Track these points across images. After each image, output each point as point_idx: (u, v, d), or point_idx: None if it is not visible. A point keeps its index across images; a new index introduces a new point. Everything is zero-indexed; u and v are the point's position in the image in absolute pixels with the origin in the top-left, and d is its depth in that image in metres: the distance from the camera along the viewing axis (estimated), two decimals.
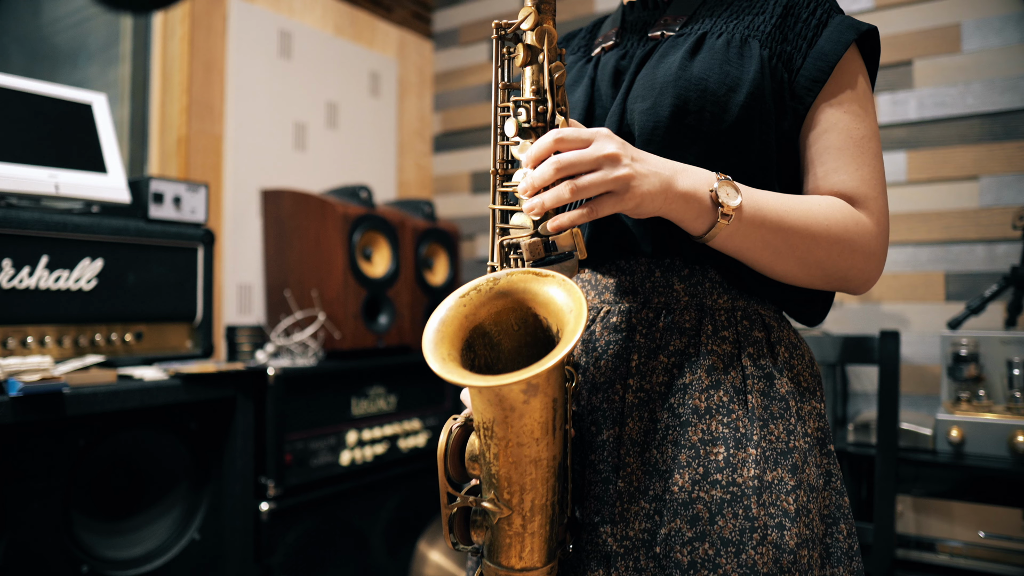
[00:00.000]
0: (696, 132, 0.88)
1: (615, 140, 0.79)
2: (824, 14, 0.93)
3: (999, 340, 1.84)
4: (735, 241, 0.84)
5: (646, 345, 0.90)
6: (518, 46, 0.83)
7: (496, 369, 0.80)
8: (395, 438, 2.30)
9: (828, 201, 0.88)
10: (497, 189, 0.86)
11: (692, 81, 0.88)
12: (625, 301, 0.93)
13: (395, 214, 2.41)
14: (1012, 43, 2.18)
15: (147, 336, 1.80)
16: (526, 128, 0.82)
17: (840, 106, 0.91)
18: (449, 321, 0.76)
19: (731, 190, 0.82)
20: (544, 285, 0.76)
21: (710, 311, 0.90)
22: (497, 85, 0.87)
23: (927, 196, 2.28)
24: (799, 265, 0.87)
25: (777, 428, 0.85)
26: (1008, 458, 1.70)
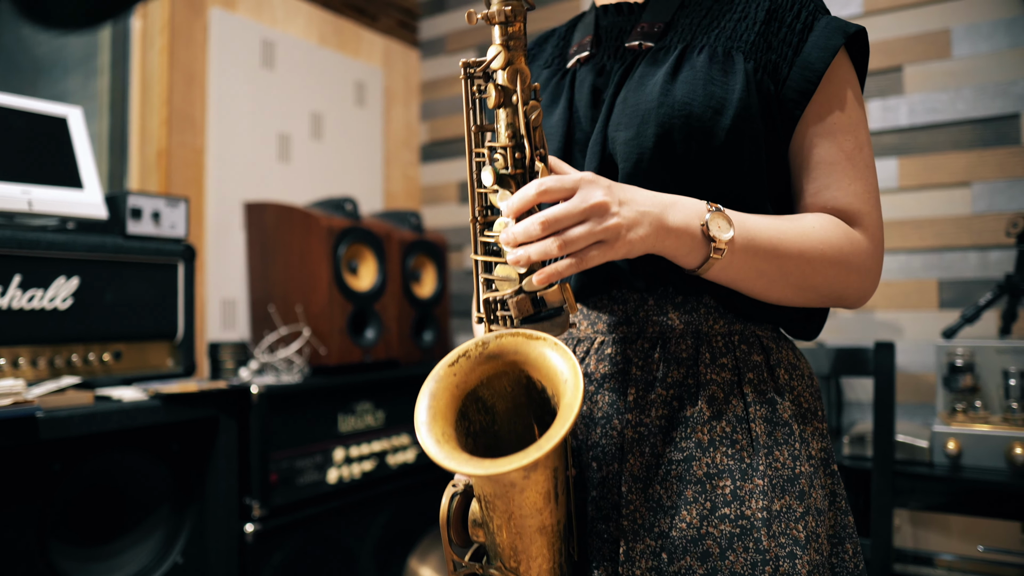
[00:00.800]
0: (683, 160, 0.84)
1: (600, 185, 0.75)
2: (809, 16, 0.88)
3: (994, 349, 1.81)
4: (729, 273, 0.81)
5: (643, 378, 0.86)
6: (489, 86, 0.78)
7: (493, 432, 0.77)
8: (383, 454, 2.26)
9: (822, 222, 0.85)
10: (478, 239, 0.82)
11: (675, 107, 0.84)
12: (619, 331, 0.89)
13: (381, 226, 2.37)
14: (1002, 48, 2.16)
15: (126, 355, 1.76)
16: (504, 176, 0.78)
17: (829, 119, 0.87)
18: (440, 394, 0.72)
19: (723, 222, 0.78)
20: (536, 348, 0.73)
21: (707, 338, 0.87)
22: (469, 127, 0.82)
23: (919, 203, 2.26)
24: (795, 290, 0.85)
25: (782, 454, 0.83)
26: (1006, 470, 1.67)
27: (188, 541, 1.72)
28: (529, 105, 0.78)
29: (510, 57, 0.77)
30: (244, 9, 2.55)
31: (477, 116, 0.83)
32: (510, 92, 0.78)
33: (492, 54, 0.78)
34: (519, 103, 0.77)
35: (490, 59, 0.78)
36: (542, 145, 0.79)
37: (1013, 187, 2.14)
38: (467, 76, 0.82)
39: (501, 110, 0.79)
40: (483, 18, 0.78)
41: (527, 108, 0.77)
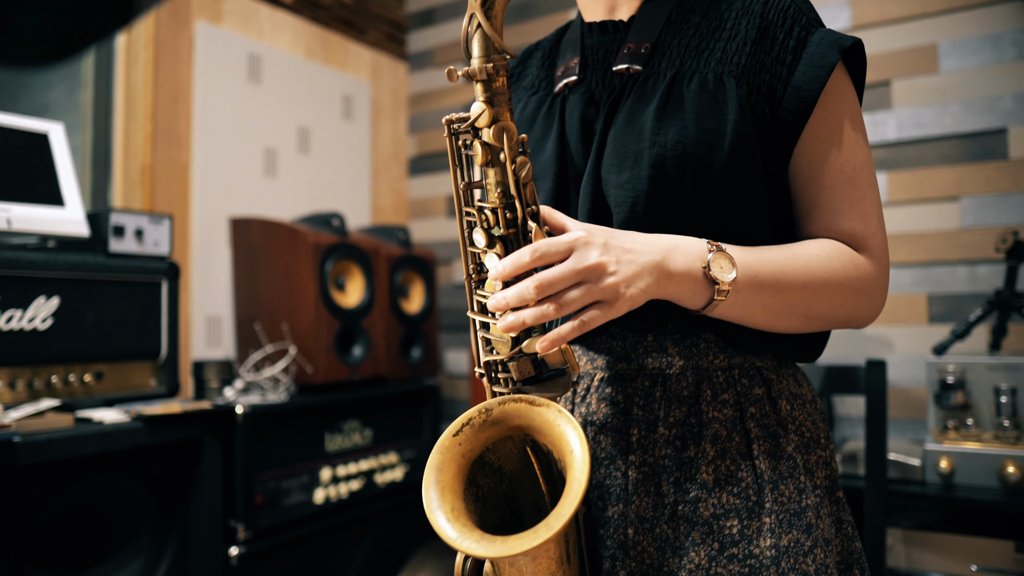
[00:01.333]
0: (679, 198, 0.82)
1: (596, 243, 0.73)
2: (801, 31, 0.85)
3: (985, 366, 1.80)
4: (735, 310, 0.80)
5: (645, 418, 0.85)
6: (476, 144, 0.76)
7: (501, 492, 0.76)
8: (371, 473, 2.23)
9: (825, 249, 0.83)
10: (474, 297, 0.80)
11: (668, 146, 0.82)
12: (618, 368, 0.87)
13: (369, 241, 2.34)
14: (987, 64, 2.16)
15: (108, 376, 1.72)
16: (495, 236, 0.76)
17: (829, 138, 0.85)
18: (446, 467, 0.71)
19: (725, 262, 0.76)
20: (541, 414, 0.72)
21: (707, 374, 0.85)
22: (457, 185, 0.80)
23: (908, 217, 2.25)
24: (801, 320, 0.83)
25: (788, 488, 0.82)
26: (998, 489, 1.66)
27: (171, 566, 1.69)
28: (518, 163, 0.75)
29: (495, 114, 0.75)
30: (230, 23, 2.53)
31: (465, 173, 0.80)
32: (497, 150, 0.75)
33: (476, 112, 0.75)
34: (507, 161, 0.75)
35: (475, 117, 0.75)
36: (533, 202, 0.76)
37: (1001, 202, 2.14)
38: (451, 133, 0.79)
39: (489, 168, 0.76)
40: (464, 75, 0.75)
41: (515, 166, 0.75)
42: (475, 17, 0.74)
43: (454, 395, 3.16)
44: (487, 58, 0.74)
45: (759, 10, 0.86)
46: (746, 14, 0.87)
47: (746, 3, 0.88)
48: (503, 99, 0.75)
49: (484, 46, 0.74)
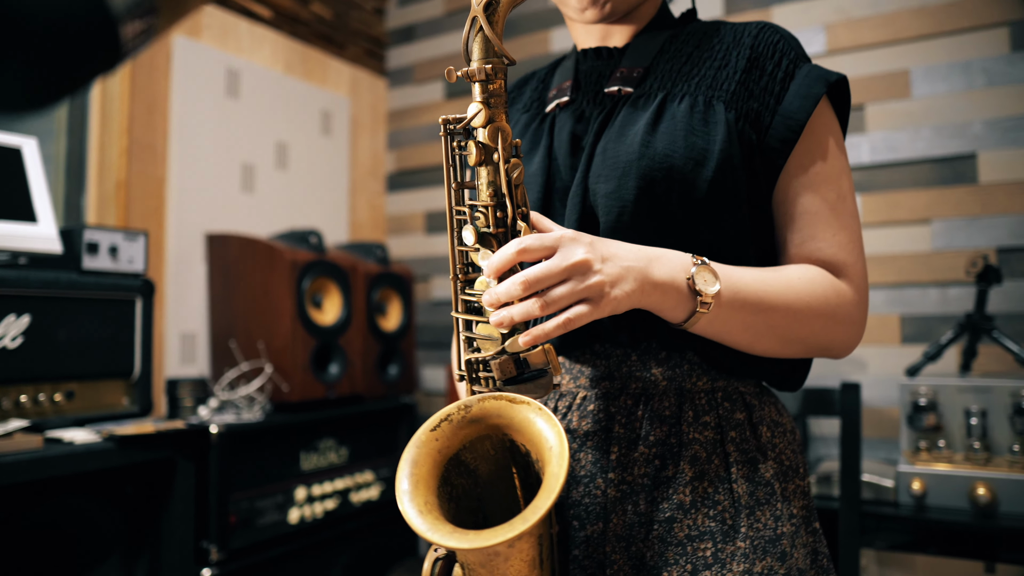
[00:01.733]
0: (665, 213, 0.83)
1: (581, 242, 0.74)
2: (790, 64, 0.88)
3: (956, 388, 1.83)
4: (716, 326, 0.80)
5: (626, 436, 0.85)
6: (470, 143, 0.77)
7: (475, 495, 0.74)
8: (347, 492, 2.21)
9: (808, 274, 0.84)
10: (459, 297, 0.80)
11: (657, 159, 0.83)
12: (601, 387, 0.88)
13: (346, 259, 2.33)
14: (958, 90, 2.21)
15: (79, 395, 1.69)
16: (486, 234, 0.77)
17: (812, 169, 0.87)
18: (422, 460, 0.70)
19: (709, 276, 0.77)
20: (521, 412, 0.71)
21: (690, 395, 0.86)
22: (450, 185, 0.81)
23: (881, 239, 2.29)
24: (780, 343, 0.84)
25: (764, 515, 0.82)
26: (968, 510, 1.68)
27: None
28: (511, 163, 0.76)
29: (491, 115, 0.76)
30: (209, 38, 2.52)
31: (458, 173, 0.82)
32: (491, 150, 0.76)
33: (473, 111, 0.77)
34: (500, 161, 0.76)
35: (471, 116, 0.77)
36: (524, 203, 0.78)
37: (970, 225, 2.18)
38: (447, 133, 0.80)
39: (482, 168, 0.77)
40: (463, 76, 0.77)
41: (508, 166, 0.76)
42: (477, 20, 0.76)
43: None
44: (486, 60, 0.76)
45: (749, 43, 0.89)
46: (736, 46, 0.90)
47: (737, 37, 0.91)
48: (499, 101, 0.77)
49: (484, 49, 0.76)
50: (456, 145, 0.81)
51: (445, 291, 3.16)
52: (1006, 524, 1.64)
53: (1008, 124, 2.14)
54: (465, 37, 0.77)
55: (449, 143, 0.81)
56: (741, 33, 0.91)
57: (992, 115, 2.17)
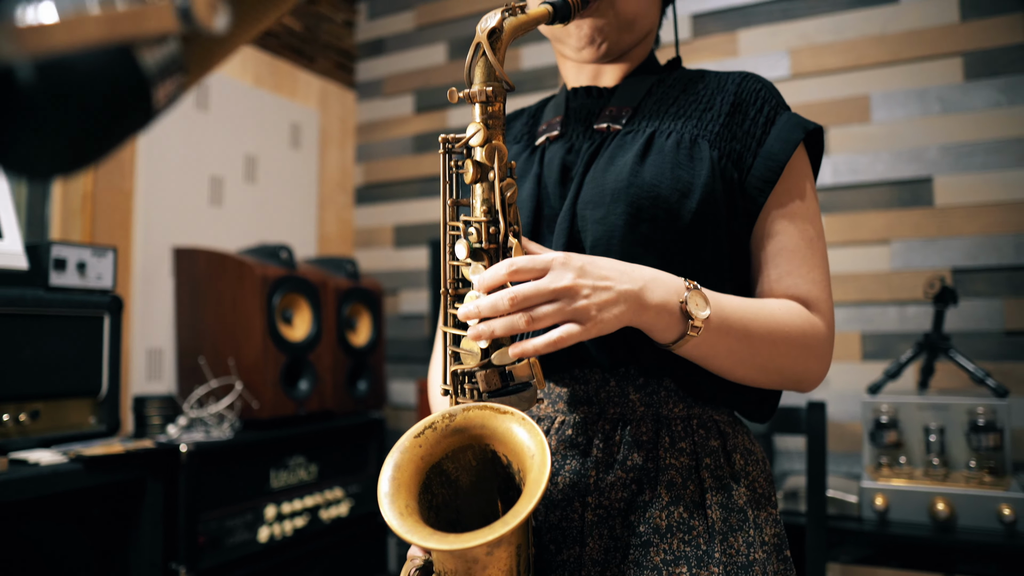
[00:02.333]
0: (649, 240, 0.86)
1: (572, 266, 0.76)
2: (771, 111, 0.93)
3: (916, 406, 1.89)
4: (702, 349, 0.82)
5: (604, 460, 0.87)
6: (467, 162, 0.79)
7: (455, 506, 0.75)
8: (316, 509, 2.20)
9: (787, 307, 0.88)
10: (448, 311, 0.82)
11: (644, 188, 0.86)
12: (580, 412, 0.90)
13: (317, 274, 2.32)
14: (915, 116, 2.29)
15: (44, 415, 1.66)
16: (478, 250, 0.79)
17: (791, 208, 0.91)
18: (404, 465, 0.71)
19: (700, 300, 0.80)
20: (504, 422, 0.72)
21: (666, 421, 0.88)
22: (445, 201, 0.83)
23: (842, 258, 2.36)
24: (759, 370, 0.87)
25: (737, 541, 0.84)
26: (928, 524, 1.74)
27: None
28: (505, 182, 0.79)
29: (489, 135, 0.79)
30: None
31: (453, 190, 0.84)
32: (487, 168, 0.78)
33: (472, 131, 0.79)
34: (496, 179, 0.78)
35: (469, 136, 0.79)
36: (516, 222, 0.80)
37: (927, 246, 2.26)
38: (445, 151, 0.83)
39: (477, 185, 0.79)
40: (464, 97, 0.79)
41: (503, 185, 0.79)
42: (481, 46, 0.79)
43: (399, 426, 3.14)
44: (487, 83, 0.79)
45: (733, 89, 0.94)
46: (721, 91, 0.95)
47: (721, 83, 0.96)
48: (498, 123, 0.80)
49: (486, 73, 0.79)
50: (453, 163, 0.83)
51: (413, 305, 3.16)
52: (964, 538, 1.70)
53: (962, 150, 2.23)
54: (468, 61, 0.80)
55: (446, 161, 0.83)
56: (725, 80, 0.96)
57: (947, 140, 2.25)
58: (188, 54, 0.41)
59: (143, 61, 0.38)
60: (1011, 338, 2.15)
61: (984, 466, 1.82)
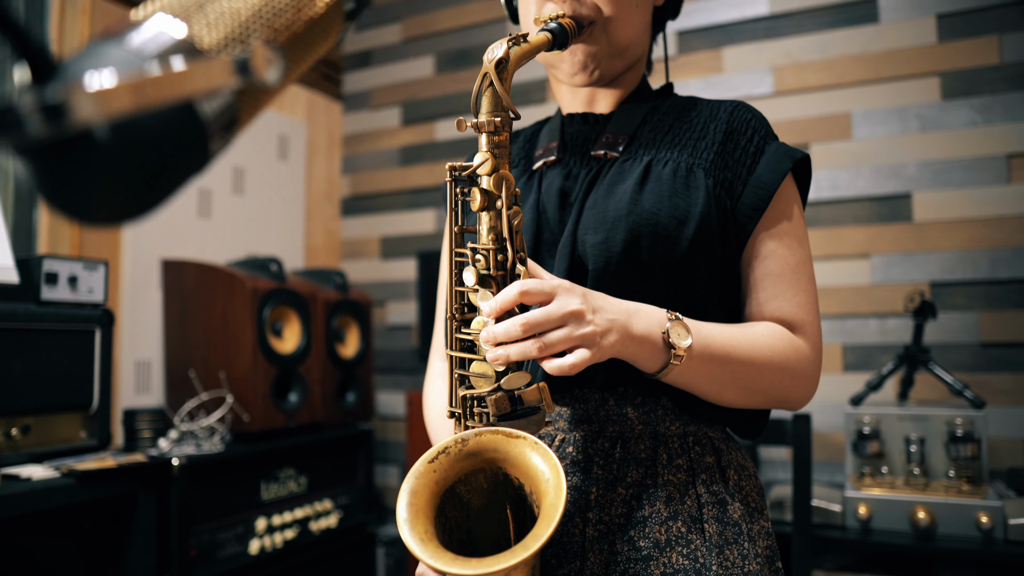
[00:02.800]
0: (648, 266, 0.89)
1: (576, 293, 0.79)
2: (761, 140, 0.96)
3: (897, 417, 1.94)
4: (686, 377, 0.85)
5: (604, 477, 0.89)
6: (474, 190, 0.81)
7: (466, 527, 0.77)
8: (306, 520, 2.20)
9: (770, 330, 0.91)
10: (455, 335, 0.84)
11: (644, 216, 0.89)
12: (580, 430, 0.92)
13: (306, 286, 2.33)
14: (895, 134, 2.35)
15: (35, 429, 1.65)
16: (486, 276, 0.81)
17: (778, 233, 0.94)
18: (420, 491, 0.73)
19: (682, 330, 0.83)
20: (516, 446, 0.74)
21: (663, 439, 0.91)
22: (452, 228, 0.85)
23: (824, 272, 2.41)
24: (744, 394, 0.90)
25: (732, 554, 0.87)
26: (910, 532, 1.78)
27: None
28: (512, 210, 0.81)
29: (496, 164, 0.81)
30: None
31: (459, 217, 0.86)
32: (495, 197, 0.81)
33: (479, 160, 0.81)
34: (503, 208, 0.80)
35: (477, 164, 0.81)
36: (522, 248, 0.82)
37: (906, 261, 2.32)
38: (452, 178, 0.85)
39: (484, 213, 0.81)
40: (473, 127, 0.81)
41: (511, 213, 0.81)
42: (488, 76, 0.81)
43: (386, 437, 3.15)
44: (495, 113, 0.81)
45: (725, 118, 0.98)
46: (713, 120, 0.98)
47: (713, 112, 0.99)
48: (504, 152, 0.82)
49: (493, 103, 0.82)
50: (460, 191, 0.86)
51: (400, 316, 3.17)
52: (943, 546, 1.74)
53: (940, 167, 2.29)
54: (475, 90, 0.82)
55: (453, 188, 0.86)
56: (717, 109, 0.99)
57: (925, 158, 2.31)
58: (240, 102, 0.43)
59: (201, 112, 0.40)
60: (987, 350, 2.21)
61: (962, 475, 1.87)
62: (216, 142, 0.42)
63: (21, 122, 0.31)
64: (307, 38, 0.48)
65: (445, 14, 3.19)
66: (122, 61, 0.38)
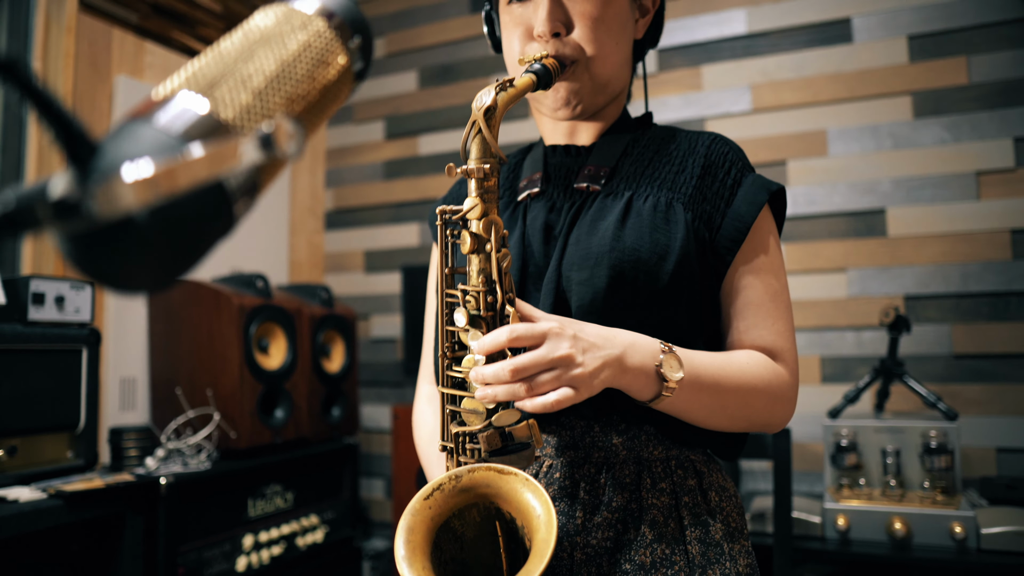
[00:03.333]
0: (631, 301, 0.92)
1: (566, 335, 0.81)
2: (738, 173, 0.99)
3: (873, 429, 1.99)
4: (676, 406, 0.89)
5: (590, 502, 0.92)
6: (464, 233, 0.84)
7: (461, 559, 0.80)
8: (293, 536, 2.21)
9: (753, 359, 0.95)
10: (445, 373, 0.87)
11: (626, 252, 0.92)
12: (567, 455, 0.95)
13: (292, 302, 2.34)
14: (868, 150, 2.41)
15: (22, 451, 1.65)
16: (476, 317, 0.83)
17: (756, 264, 0.98)
18: (417, 527, 0.75)
19: (674, 363, 0.86)
20: (508, 482, 0.77)
21: (647, 463, 0.94)
22: (442, 270, 0.88)
23: (802, 286, 2.46)
24: (729, 419, 0.93)
25: (715, 573, 0.91)
26: (887, 543, 1.83)
27: None
28: (501, 253, 0.84)
29: (485, 209, 0.83)
30: (151, 76, 2.50)
31: (449, 259, 0.88)
32: (484, 240, 0.83)
33: (469, 205, 0.84)
34: (492, 251, 0.83)
35: (467, 209, 0.84)
36: (511, 289, 0.85)
37: (881, 274, 2.38)
38: (443, 222, 0.87)
39: (474, 256, 0.84)
40: (463, 173, 0.84)
41: (499, 256, 0.83)
42: (477, 123, 0.84)
43: (371, 450, 3.16)
44: (484, 159, 0.84)
45: (703, 152, 1.01)
46: (692, 154, 1.01)
47: (692, 145, 1.02)
48: (492, 197, 0.85)
49: (482, 149, 0.84)
50: (450, 233, 0.88)
51: (385, 329, 3.19)
52: (919, 555, 1.79)
53: (912, 183, 2.35)
54: (465, 137, 0.85)
55: (444, 231, 0.88)
56: (695, 142, 1.03)
57: (898, 174, 2.37)
58: (262, 171, 0.46)
59: (227, 184, 0.43)
60: (959, 361, 2.27)
61: (937, 486, 1.93)
62: (240, 207, 0.44)
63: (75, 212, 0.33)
64: (322, 104, 0.50)
65: (428, 29, 3.22)
66: (153, 141, 0.40)
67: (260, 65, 0.47)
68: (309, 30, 0.51)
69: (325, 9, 0.54)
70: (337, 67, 0.52)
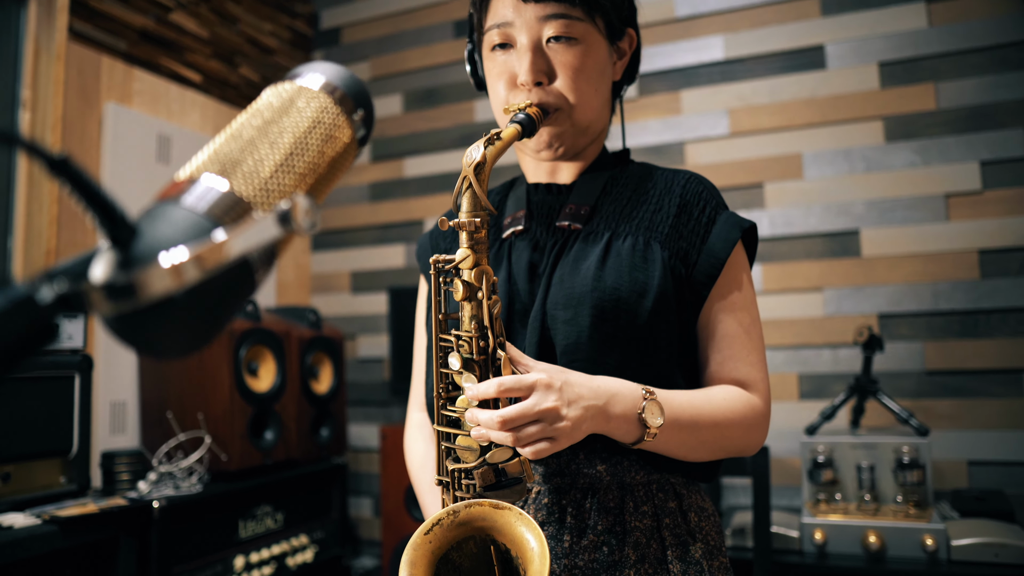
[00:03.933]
0: (613, 338, 0.98)
1: (553, 389, 0.86)
2: (712, 211, 1.05)
3: (849, 445, 2.06)
4: (658, 446, 0.94)
5: (576, 526, 0.97)
6: (456, 281, 0.89)
7: None
8: (283, 557, 2.24)
9: (729, 394, 1.00)
10: (440, 412, 0.92)
11: (607, 292, 0.98)
12: (553, 482, 1.00)
13: (281, 324, 2.38)
14: (842, 173, 2.49)
15: (15, 477, 1.68)
16: (469, 360, 0.89)
17: (730, 299, 1.04)
18: (418, 562, 0.80)
19: (655, 409, 0.92)
20: (503, 517, 0.82)
21: (630, 488, 0.99)
22: (436, 315, 0.93)
23: (779, 305, 2.53)
24: (708, 452, 0.99)
25: None
26: (862, 556, 1.89)
27: None
28: (492, 300, 0.89)
29: (476, 259, 0.89)
30: (140, 103, 2.53)
31: (443, 305, 0.93)
32: (475, 289, 0.88)
33: (461, 256, 0.89)
34: (484, 299, 0.88)
35: (459, 259, 0.89)
36: (501, 333, 0.90)
37: (856, 294, 2.45)
38: (437, 271, 0.92)
39: (466, 303, 0.89)
40: (455, 226, 0.89)
41: (491, 303, 0.88)
42: (467, 179, 0.89)
43: (359, 469, 3.19)
44: (474, 213, 0.89)
45: (679, 191, 1.07)
46: (668, 193, 1.07)
47: (668, 184, 1.08)
48: (483, 247, 0.90)
49: (472, 203, 0.89)
50: (443, 281, 0.93)
51: (371, 350, 3.22)
52: (893, 568, 1.85)
53: (884, 205, 2.43)
54: (456, 190, 0.90)
55: (437, 279, 0.93)
56: (672, 181, 1.09)
57: (871, 196, 2.45)
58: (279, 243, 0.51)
59: (250, 258, 0.48)
60: (931, 377, 2.34)
61: (909, 500, 1.99)
62: (261, 275, 0.49)
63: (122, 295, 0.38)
64: (330, 176, 0.55)
65: (413, 53, 3.27)
66: (184, 221, 0.45)
67: (274, 144, 0.52)
68: (316, 107, 0.56)
69: (329, 85, 0.59)
70: (344, 140, 0.57)
